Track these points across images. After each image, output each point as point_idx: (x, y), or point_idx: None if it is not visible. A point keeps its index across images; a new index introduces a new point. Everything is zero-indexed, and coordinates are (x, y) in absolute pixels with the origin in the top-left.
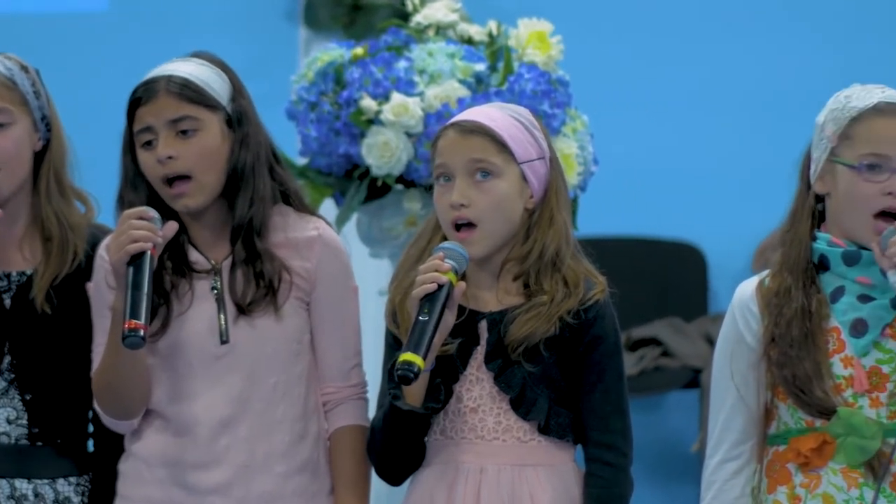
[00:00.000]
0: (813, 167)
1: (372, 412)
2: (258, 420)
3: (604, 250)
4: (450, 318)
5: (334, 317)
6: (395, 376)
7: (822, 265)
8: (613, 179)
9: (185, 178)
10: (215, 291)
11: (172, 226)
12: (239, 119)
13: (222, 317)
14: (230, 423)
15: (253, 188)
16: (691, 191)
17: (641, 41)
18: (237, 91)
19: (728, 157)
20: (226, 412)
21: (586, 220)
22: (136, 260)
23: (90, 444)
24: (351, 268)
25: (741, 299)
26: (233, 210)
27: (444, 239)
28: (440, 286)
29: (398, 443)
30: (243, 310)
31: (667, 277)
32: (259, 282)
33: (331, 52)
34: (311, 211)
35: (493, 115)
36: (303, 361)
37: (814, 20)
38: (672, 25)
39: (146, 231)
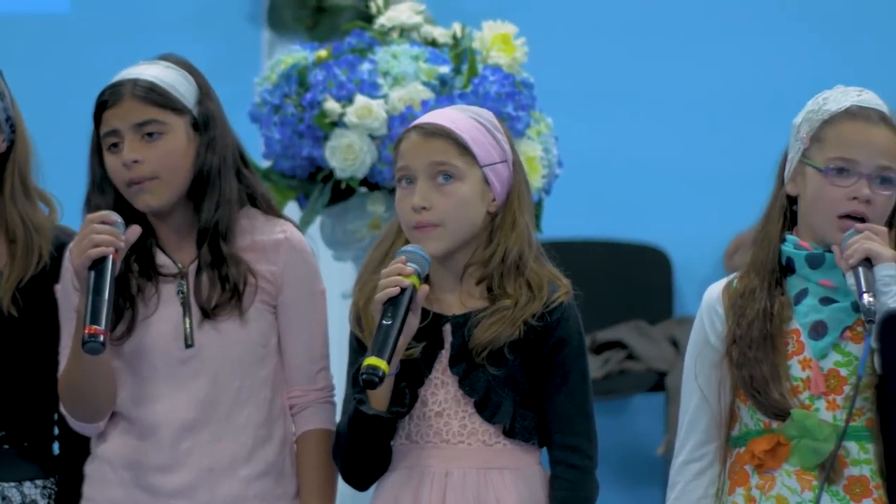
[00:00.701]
0: (787, 168)
1: (338, 416)
2: (223, 424)
3: (569, 253)
4: (413, 322)
5: (301, 320)
6: (360, 381)
7: (790, 267)
8: (578, 182)
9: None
10: (181, 295)
11: (135, 230)
12: (205, 122)
13: (187, 320)
14: (194, 426)
15: (219, 191)
16: (656, 194)
17: (606, 43)
18: (204, 94)
19: (693, 160)
20: (190, 415)
21: (551, 223)
22: (97, 264)
23: (56, 447)
24: (318, 271)
25: (709, 300)
26: (199, 214)
27: (407, 242)
28: (403, 290)
29: (364, 447)
30: (208, 314)
31: (632, 280)
32: (224, 286)
33: (294, 54)
34: (279, 214)
35: (455, 117)
36: (269, 365)
37: (779, 23)
38: (637, 28)
39: (108, 235)
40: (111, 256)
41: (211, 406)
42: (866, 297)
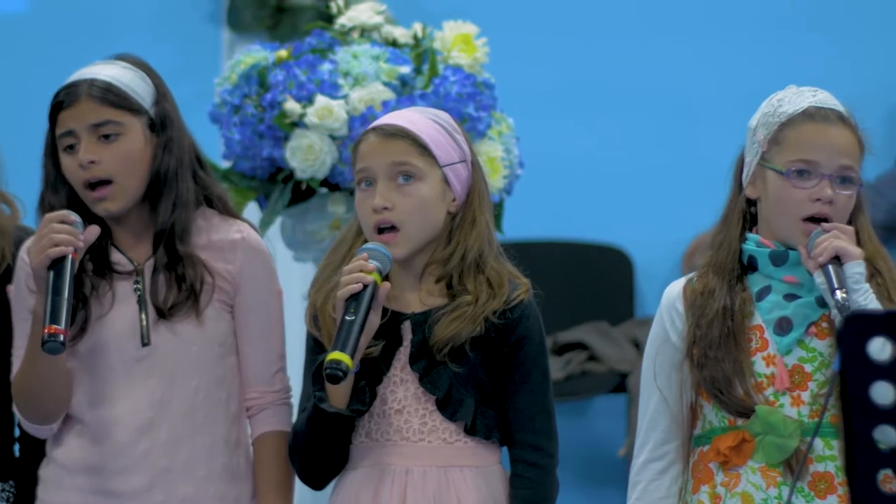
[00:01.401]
0: (745, 171)
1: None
2: (179, 424)
3: (530, 254)
4: (375, 319)
5: (258, 321)
6: (324, 375)
7: (751, 266)
8: (539, 183)
9: (106, 182)
10: (137, 293)
11: (94, 230)
12: (162, 123)
13: (144, 318)
14: (150, 426)
15: (176, 192)
16: (618, 194)
17: (567, 44)
18: (161, 94)
19: (655, 161)
20: (146, 416)
21: (512, 223)
22: (56, 264)
23: (16, 449)
24: (275, 271)
25: (669, 299)
26: (155, 214)
27: (366, 242)
28: (365, 286)
29: (322, 446)
30: (164, 314)
31: (593, 281)
32: (181, 286)
33: (254, 54)
34: (236, 214)
35: (413, 118)
36: (225, 365)
37: (739, 24)
38: (599, 28)
39: (67, 235)
40: (70, 256)
41: (168, 406)
42: (839, 293)
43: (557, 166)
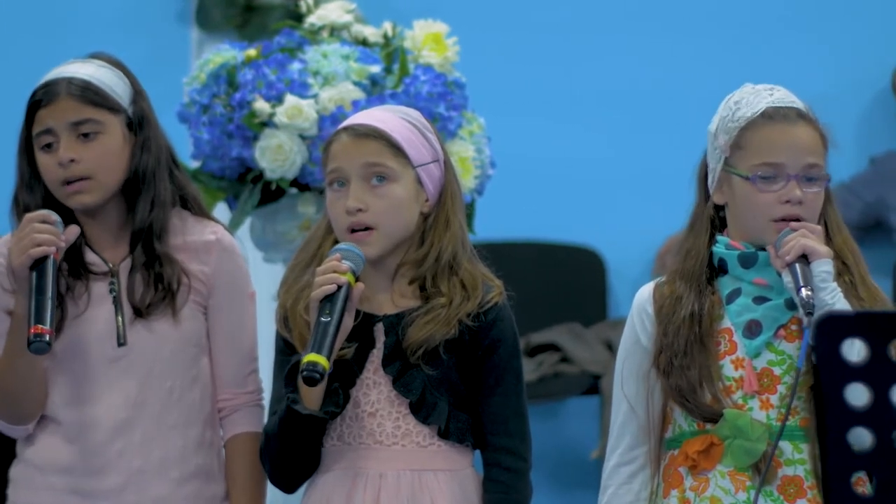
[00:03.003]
0: (710, 177)
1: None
2: (153, 424)
3: (502, 255)
4: (348, 320)
5: (231, 322)
6: (301, 377)
7: (721, 268)
8: (511, 183)
9: (84, 178)
10: (113, 293)
11: (74, 230)
12: (140, 122)
13: (120, 318)
14: (125, 427)
15: (154, 192)
16: (590, 195)
17: (539, 42)
18: (137, 93)
19: (628, 161)
20: (121, 416)
21: (484, 224)
22: (38, 264)
23: None
24: (248, 273)
25: (639, 302)
26: (133, 213)
27: (336, 243)
28: (339, 287)
29: (294, 448)
30: (141, 313)
31: (566, 282)
32: (158, 285)
33: (223, 53)
34: (209, 215)
35: (385, 118)
36: (199, 366)
37: (712, 25)
38: (571, 27)
39: (49, 235)
40: (52, 256)
41: (142, 406)
42: (804, 291)
43: (529, 166)
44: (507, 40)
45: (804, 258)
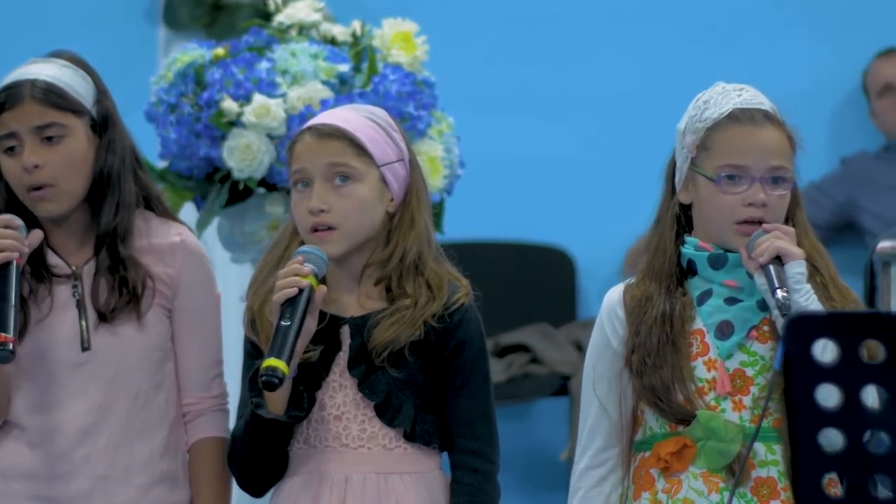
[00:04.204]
0: (677, 175)
1: (233, 422)
2: (119, 430)
3: (471, 255)
4: (311, 323)
5: (196, 325)
6: (260, 383)
7: (691, 270)
8: (480, 182)
9: (49, 184)
10: (76, 297)
11: (38, 234)
12: (104, 122)
13: (83, 323)
14: (90, 432)
15: (119, 194)
16: (560, 194)
17: (509, 41)
18: (101, 93)
19: (598, 161)
20: (87, 421)
21: (453, 224)
22: (1, 270)
23: None
24: (213, 275)
25: (609, 304)
26: (98, 216)
27: (303, 244)
28: (301, 290)
29: (260, 452)
30: (105, 317)
31: (535, 282)
32: (122, 289)
33: (191, 52)
34: (174, 216)
35: (349, 117)
36: (164, 371)
37: (682, 24)
38: (540, 26)
39: (12, 241)
40: (15, 262)
41: (107, 411)
42: (780, 293)
43: (499, 166)
44: (477, 39)
45: (778, 260)
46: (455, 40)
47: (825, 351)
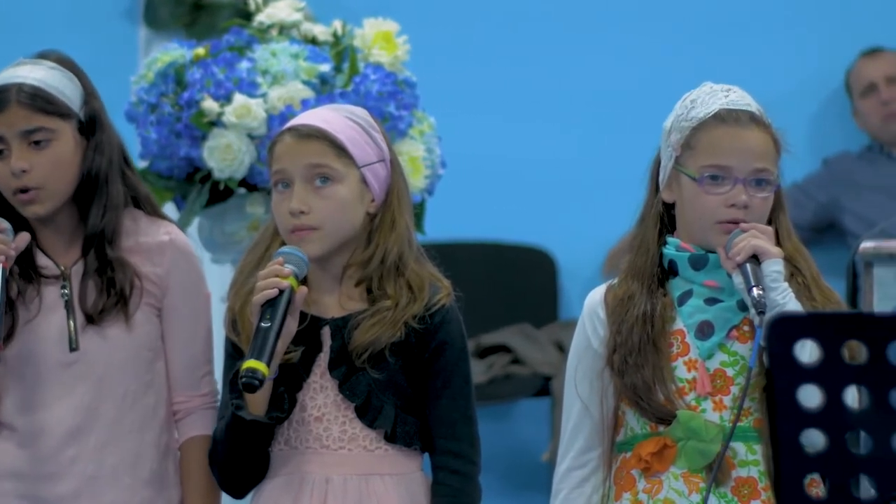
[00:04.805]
0: (661, 174)
1: None
2: (107, 430)
3: (452, 255)
4: (292, 324)
5: (185, 324)
6: (240, 384)
7: (672, 270)
8: (462, 183)
9: (37, 188)
10: (65, 297)
11: (25, 237)
12: (92, 124)
13: (72, 323)
14: (79, 432)
15: (107, 195)
16: (542, 195)
17: (490, 42)
18: (89, 94)
19: (579, 161)
20: (75, 422)
21: (434, 224)
22: None
23: None
24: (203, 274)
25: (590, 305)
26: (86, 217)
27: (283, 244)
28: (281, 291)
29: (241, 454)
30: (93, 319)
31: (517, 283)
32: (110, 291)
33: (171, 52)
34: (163, 215)
35: (329, 117)
36: (154, 370)
37: (664, 24)
38: (521, 26)
39: None
40: (1, 265)
41: (96, 412)
42: (755, 291)
43: (480, 166)
44: (458, 39)
45: (755, 258)
46: (436, 40)
47: (808, 352)
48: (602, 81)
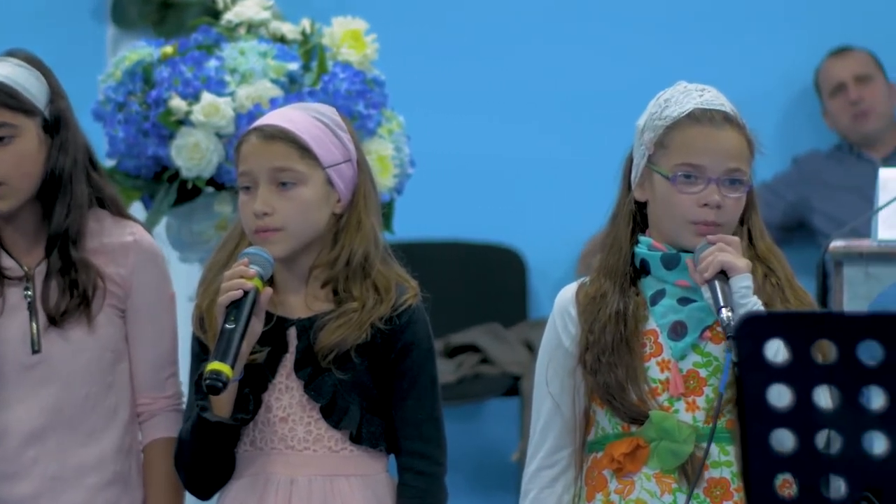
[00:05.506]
0: (634, 172)
1: None
2: (69, 431)
3: (421, 254)
4: (257, 325)
5: (149, 325)
6: (204, 387)
7: (644, 269)
8: (431, 182)
9: None
10: (28, 299)
11: None
12: (57, 123)
13: (34, 325)
14: (41, 434)
15: (71, 195)
16: (511, 193)
17: (458, 40)
18: (55, 93)
19: (548, 160)
20: (37, 423)
21: (403, 223)
22: None
23: None
24: (169, 275)
25: (561, 303)
26: (50, 217)
27: (251, 244)
28: (246, 292)
29: (207, 455)
30: (55, 321)
31: (486, 282)
32: (73, 292)
33: (139, 50)
34: (129, 216)
35: (295, 117)
36: (116, 371)
37: (634, 23)
38: (491, 24)
39: None
40: None
41: (58, 413)
42: (724, 312)
43: (449, 165)
44: (427, 38)
45: (723, 274)
46: (405, 39)
47: (777, 352)
48: (572, 80)
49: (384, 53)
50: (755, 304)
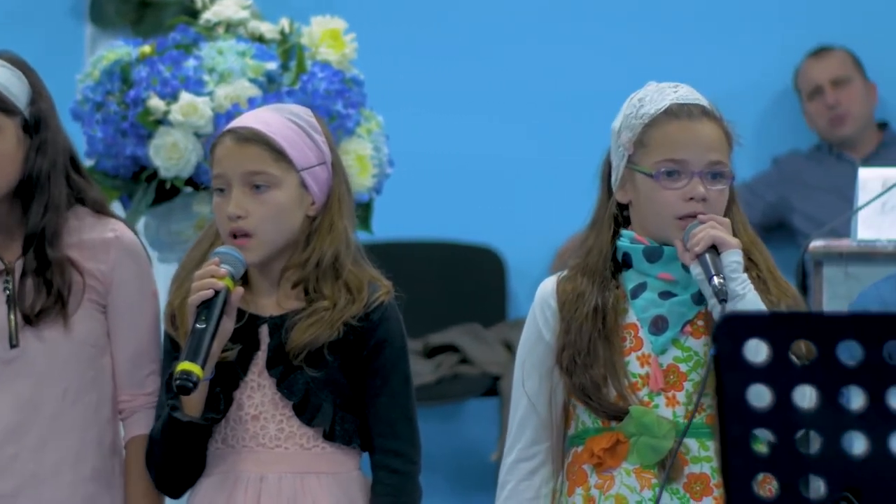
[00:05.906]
0: (614, 175)
1: None
2: (47, 427)
3: (400, 254)
4: (228, 325)
5: (129, 322)
6: (174, 387)
7: (626, 262)
8: (410, 181)
9: None
10: (7, 292)
11: None
12: (37, 124)
13: (12, 318)
14: (18, 430)
15: (48, 196)
16: (490, 193)
17: (438, 40)
18: (37, 94)
19: (528, 160)
20: (14, 419)
21: (382, 223)
22: None
23: None
24: (150, 272)
25: (542, 296)
26: (26, 217)
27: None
28: (217, 292)
29: (178, 454)
30: (30, 320)
31: (465, 282)
32: (49, 292)
33: (117, 50)
34: (111, 214)
35: (269, 119)
36: (97, 367)
37: (612, 23)
38: (471, 23)
39: None
40: None
41: (36, 409)
42: (716, 279)
43: (428, 165)
44: (406, 37)
45: (714, 249)
46: (384, 38)
47: (757, 351)
48: (550, 81)
49: (363, 53)
50: (745, 279)
